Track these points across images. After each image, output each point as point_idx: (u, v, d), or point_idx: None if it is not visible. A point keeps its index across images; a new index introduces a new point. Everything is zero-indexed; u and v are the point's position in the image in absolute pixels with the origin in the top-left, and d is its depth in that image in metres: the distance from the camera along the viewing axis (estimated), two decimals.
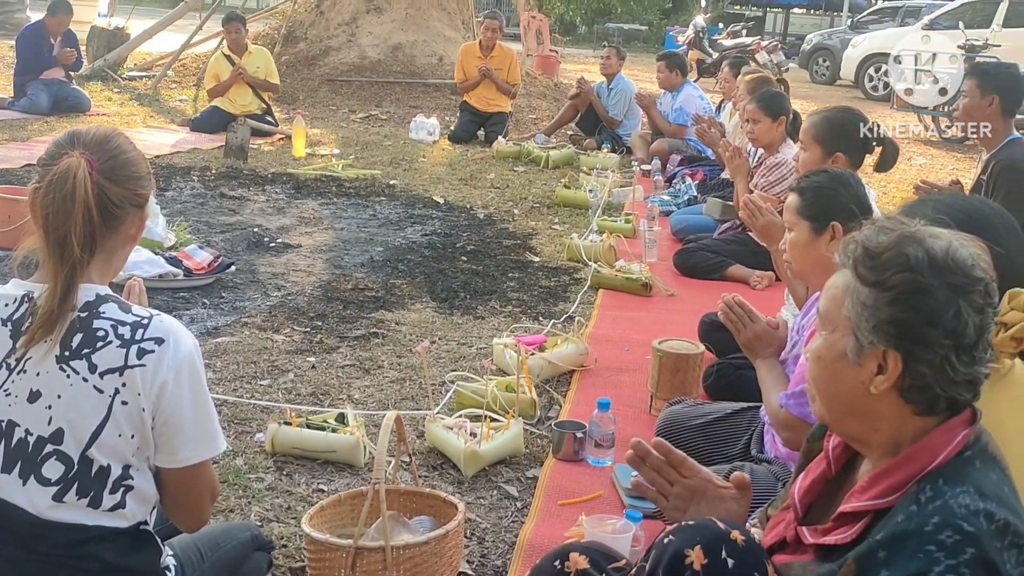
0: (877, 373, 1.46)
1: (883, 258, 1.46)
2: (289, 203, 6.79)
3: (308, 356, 4.00)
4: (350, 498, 2.46)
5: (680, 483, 1.73)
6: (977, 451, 1.44)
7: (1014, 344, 1.80)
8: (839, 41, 22.16)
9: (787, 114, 5.38)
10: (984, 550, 1.32)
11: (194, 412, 1.87)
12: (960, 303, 1.41)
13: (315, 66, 12.39)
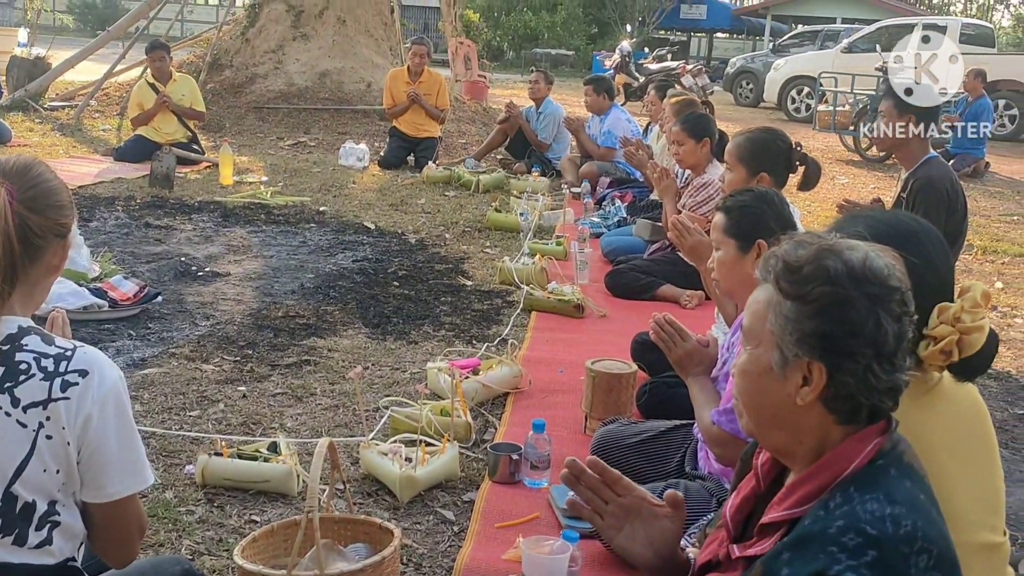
0: (802, 385, 1.48)
1: (803, 272, 1.47)
2: (217, 231, 6.71)
3: (239, 385, 3.94)
4: (283, 528, 2.42)
5: (615, 502, 1.73)
6: (891, 459, 1.46)
7: (943, 357, 1.83)
8: (762, 64, 22.65)
9: (710, 136, 5.47)
10: (887, 554, 1.33)
11: (120, 445, 1.83)
12: (879, 313, 1.44)
13: (241, 94, 12.27)
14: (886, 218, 2.01)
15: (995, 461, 1.99)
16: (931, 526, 1.39)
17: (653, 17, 36.44)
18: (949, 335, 1.82)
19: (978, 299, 1.84)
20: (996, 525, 1.94)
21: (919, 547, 1.35)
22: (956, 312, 1.83)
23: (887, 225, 1.94)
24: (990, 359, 1.89)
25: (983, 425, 1.99)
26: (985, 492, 1.93)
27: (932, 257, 1.91)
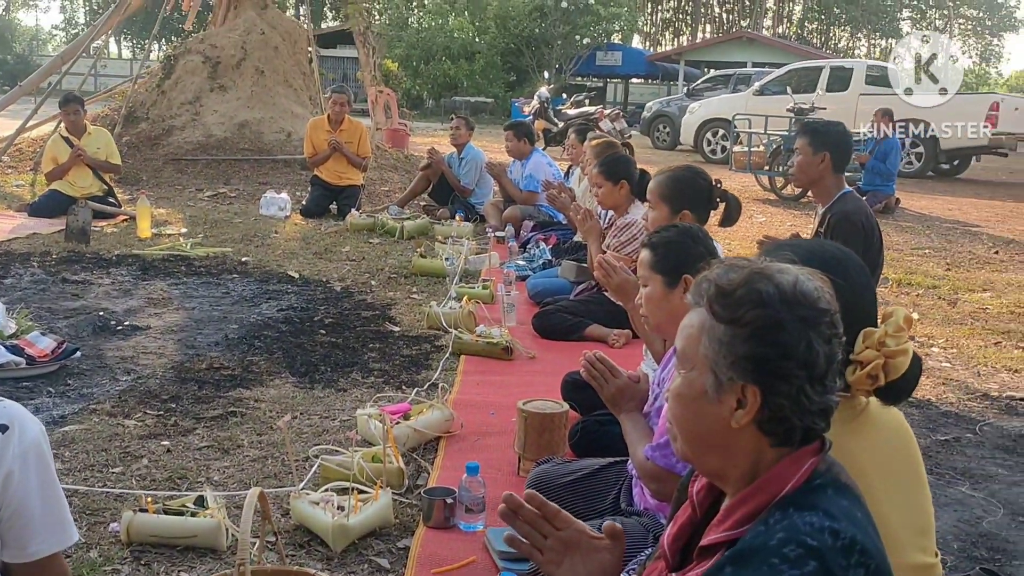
0: (736, 408, 1.49)
1: (736, 295, 1.49)
2: (136, 285, 6.57)
3: (162, 440, 3.84)
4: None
5: (554, 536, 1.71)
6: (828, 480, 1.48)
7: (870, 382, 1.86)
8: (677, 108, 23.10)
9: (628, 177, 5.53)
10: (827, 565, 1.34)
11: (43, 502, 1.76)
12: (811, 335, 1.46)
13: (158, 146, 12.11)
14: (810, 246, 2.05)
15: (923, 484, 2.03)
16: (868, 541, 1.41)
17: (570, 64, 37.04)
18: (875, 359, 1.86)
19: (901, 323, 1.88)
20: (927, 547, 1.97)
21: (856, 560, 1.37)
22: (880, 336, 1.87)
23: (811, 252, 1.97)
24: (915, 382, 1.92)
25: (910, 449, 2.03)
26: (915, 514, 1.96)
27: (856, 283, 1.95)
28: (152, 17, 35.87)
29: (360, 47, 18.63)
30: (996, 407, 4.70)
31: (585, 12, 35.03)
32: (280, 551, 2.45)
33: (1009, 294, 7.37)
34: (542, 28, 35.90)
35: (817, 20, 59.71)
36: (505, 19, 35.94)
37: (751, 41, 36.93)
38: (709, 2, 59.47)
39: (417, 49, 35.51)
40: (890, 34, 58.81)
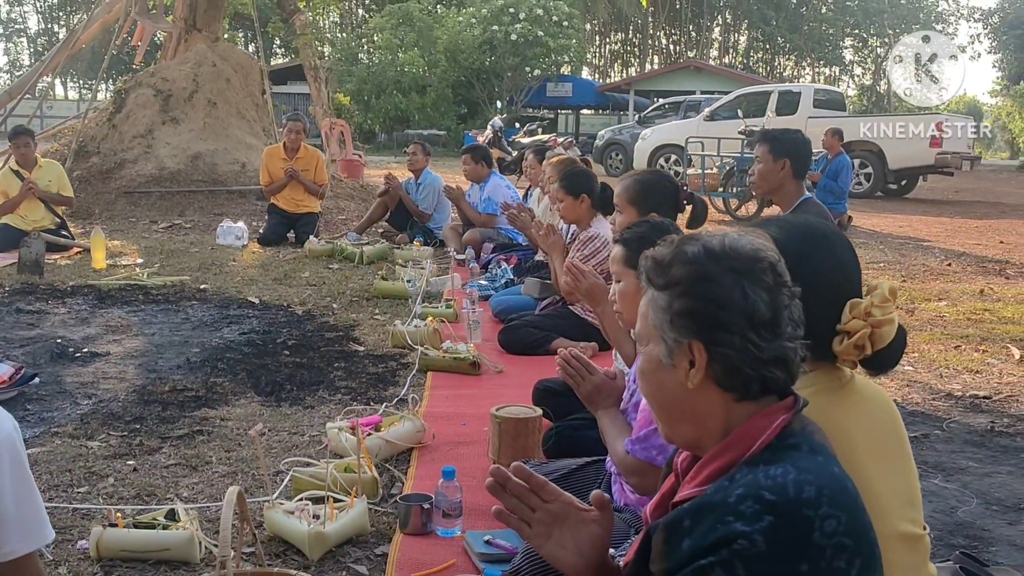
0: (690, 368, 1.49)
1: (666, 261, 1.53)
2: (93, 313, 6.46)
3: (128, 459, 3.76)
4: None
5: (542, 508, 1.68)
6: (802, 438, 1.47)
7: (857, 352, 1.88)
8: (629, 135, 23.32)
9: (588, 191, 5.54)
10: (785, 518, 1.33)
11: (17, 499, 1.70)
12: (744, 284, 1.47)
13: (110, 179, 11.96)
14: (796, 220, 2.06)
15: (909, 458, 2.03)
16: (842, 494, 1.39)
17: (521, 96, 37.24)
18: (862, 328, 1.87)
19: (886, 294, 1.90)
20: (915, 518, 1.97)
21: (825, 512, 1.34)
22: (867, 307, 1.88)
23: (796, 227, 1.99)
24: (900, 352, 1.94)
25: (896, 423, 2.03)
26: (902, 486, 1.96)
27: (842, 258, 1.96)
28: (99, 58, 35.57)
29: (311, 81, 18.59)
30: (961, 405, 4.75)
31: (534, 44, 35.26)
32: (259, 552, 2.40)
33: (964, 302, 7.48)
34: (492, 61, 36.08)
35: (762, 50, 60.69)
36: (455, 52, 36.06)
37: (699, 70, 37.42)
38: (656, 34, 60.23)
39: (368, 83, 35.50)
40: (833, 62, 59.97)
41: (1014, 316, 6.93)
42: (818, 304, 1.90)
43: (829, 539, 1.33)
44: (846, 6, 57.37)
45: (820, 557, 1.32)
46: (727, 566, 1.32)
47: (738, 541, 1.32)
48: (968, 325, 6.62)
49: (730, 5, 58.21)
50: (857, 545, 1.36)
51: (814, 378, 1.91)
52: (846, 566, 1.34)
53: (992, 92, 42.70)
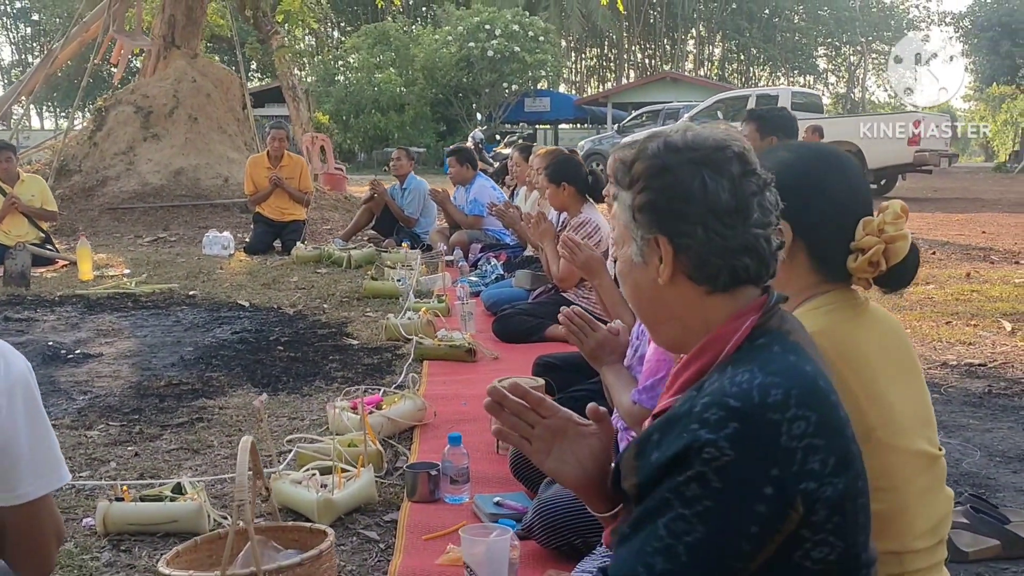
0: (659, 264, 1.48)
1: (630, 160, 1.51)
2: (83, 319, 6.42)
3: (128, 446, 3.74)
4: (207, 542, 2.29)
5: (541, 424, 1.66)
6: (774, 338, 1.43)
7: (871, 269, 1.88)
8: (609, 145, 23.36)
9: (569, 179, 5.55)
10: (751, 424, 1.30)
11: (32, 439, 1.68)
12: (704, 172, 1.44)
13: (93, 196, 11.92)
14: (808, 144, 2.09)
15: (923, 381, 2.04)
16: (811, 395, 1.35)
17: (499, 111, 37.35)
18: (875, 245, 1.88)
19: (898, 211, 1.91)
20: (932, 438, 1.97)
21: (793, 415, 1.31)
22: (880, 223, 1.89)
23: (809, 150, 2.02)
24: (914, 269, 1.95)
25: (909, 347, 2.04)
26: (918, 406, 1.97)
27: (852, 178, 1.97)
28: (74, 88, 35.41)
29: (289, 101, 18.64)
30: (957, 373, 4.78)
31: (511, 60, 35.41)
32: (274, 508, 2.39)
33: (951, 285, 7.53)
34: (469, 77, 36.20)
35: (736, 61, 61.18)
36: (432, 70, 36.18)
37: (675, 81, 37.69)
38: (631, 48, 60.59)
39: (346, 103, 35.53)
40: (808, 71, 60.53)
41: (1002, 295, 6.98)
42: (831, 224, 1.92)
43: (799, 441, 1.30)
44: (818, 15, 57.97)
45: (791, 460, 1.29)
46: (701, 479, 1.29)
47: (705, 450, 1.29)
48: (957, 304, 6.66)
49: (704, 17, 58.68)
50: (829, 444, 1.33)
51: (830, 298, 1.92)
52: (820, 467, 1.31)
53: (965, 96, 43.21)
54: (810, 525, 1.32)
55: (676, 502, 1.31)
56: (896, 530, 1.83)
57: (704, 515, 1.29)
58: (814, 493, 1.31)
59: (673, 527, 1.31)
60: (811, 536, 1.33)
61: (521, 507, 2.91)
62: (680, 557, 1.30)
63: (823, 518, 1.33)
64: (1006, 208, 16.19)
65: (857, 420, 1.78)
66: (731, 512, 1.29)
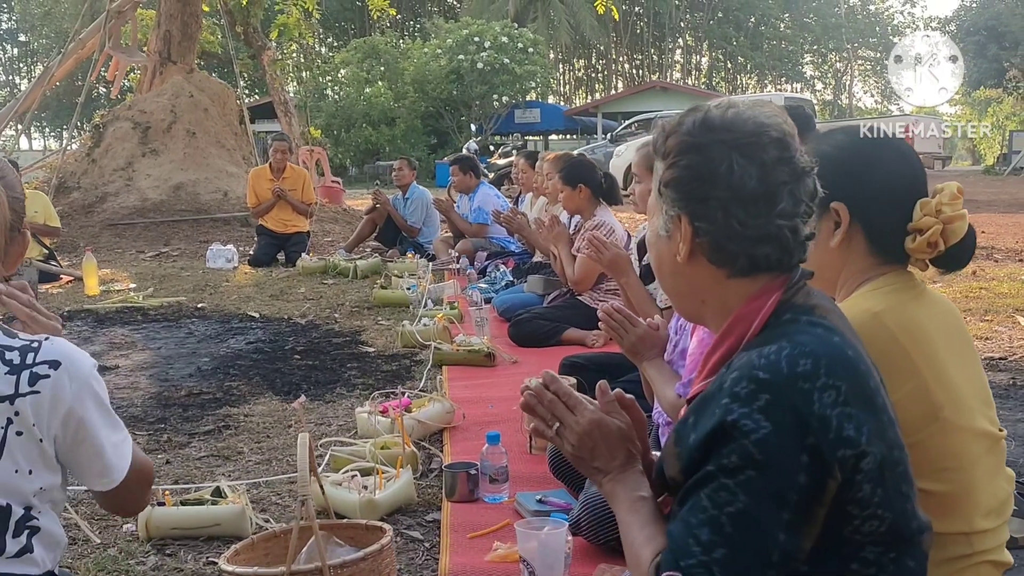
0: (679, 240, 1.48)
1: (668, 130, 1.50)
2: (95, 333, 6.41)
3: (158, 454, 3.73)
4: (263, 541, 2.28)
5: (573, 421, 1.62)
6: (800, 312, 1.43)
7: (930, 249, 1.88)
8: (603, 154, 23.44)
9: (585, 181, 5.57)
10: (783, 394, 1.30)
11: (108, 431, 1.71)
12: (733, 156, 1.41)
13: (93, 213, 11.92)
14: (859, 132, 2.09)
15: (979, 362, 2.05)
16: (841, 364, 1.35)
17: (490, 123, 37.41)
18: (934, 225, 1.89)
19: (955, 192, 1.92)
20: (993, 418, 1.98)
21: (823, 383, 1.31)
22: (937, 204, 1.90)
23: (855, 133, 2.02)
24: (972, 249, 1.96)
25: (965, 328, 2.05)
26: (978, 384, 1.97)
27: (909, 159, 1.98)
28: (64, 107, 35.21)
29: (281, 116, 18.62)
30: None
31: (501, 71, 35.49)
32: (327, 504, 2.38)
33: (959, 283, 7.56)
34: (460, 90, 36.25)
35: (724, 69, 61.45)
36: (423, 83, 36.22)
37: (665, 90, 37.82)
38: (619, 59, 60.81)
39: (337, 118, 35.56)
40: (795, 78, 60.80)
41: (1010, 291, 7.02)
42: (889, 205, 1.92)
43: (831, 409, 1.30)
44: (804, 23, 58.29)
45: (826, 428, 1.29)
46: (742, 451, 1.29)
47: (742, 422, 1.29)
48: (968, 302, 6.69)
49: (691, 27, 58.94)
50: (862, 413, 1.33)
51: (890, 279, 1.92)
52: (855, 434, 1.31)
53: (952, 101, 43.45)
54: (856, 502, 1.33)
55: (719, 473, 1.32)
56: (964, 511, 1.83)
57: (745, 484, 1.30)
58: (852, 461, 1.31)
59: (716, 497, 1.31)
60: (859, 512, 1.34)
61: (564, 504, 2.91)
62: (724, 527, 1.30)
63: (868, 493, 1.33)
64: (1001, 209, 16.28)
65: (924, 398, 1.80)
66: (771, 481, 1.29)
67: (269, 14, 20.34)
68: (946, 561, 1.80)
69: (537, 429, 1.67)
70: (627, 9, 52.30)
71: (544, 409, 1.61)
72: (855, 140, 1.97)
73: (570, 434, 1.58)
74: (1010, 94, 34.56)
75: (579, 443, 1.57)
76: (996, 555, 1.89)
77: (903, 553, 1.40)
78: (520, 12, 42.99)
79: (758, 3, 55.24)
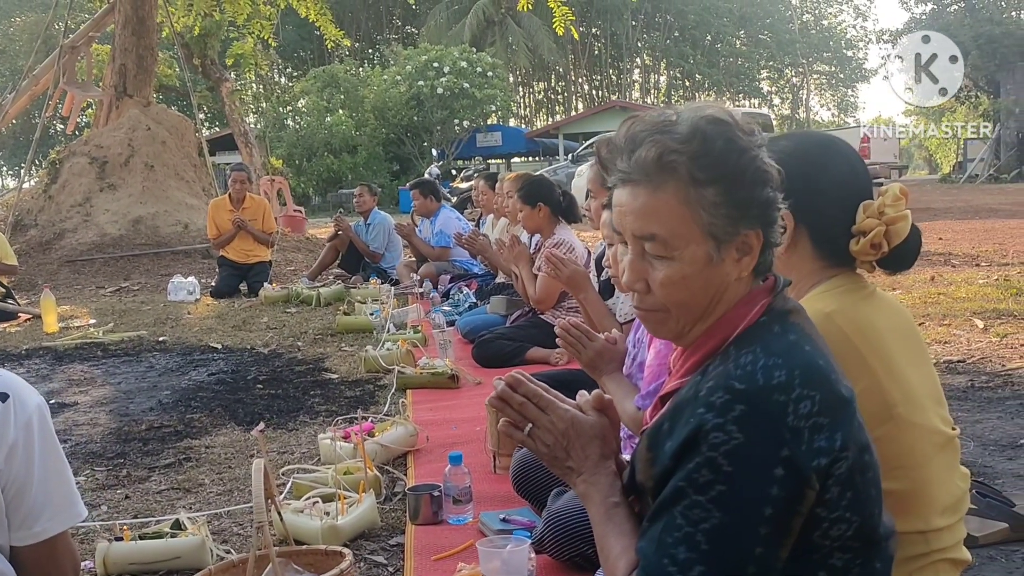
0: (739, 259, 1.45)
1: (715, 151, 1.40)
2: (53, 370, 6.32)
3: (118, 489, 3.67)
4: (221, 572, 2.24)
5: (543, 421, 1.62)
6: (775, 317, 1.43)
7: (874, 251, 1.90)
8: (564, 175, 23.57)
9: (544, 200, 5.59)
10: (757, 406, 1.30)
11: (48, 475, 1.66)
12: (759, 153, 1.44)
13: (51, 250, 11.78)
14: (807, 132, 2.12)
15: (931, 361, 2.07)
16: (814, 373, 1.35)
17: (451, 148, 37.46)
18: (876, 227, 1.91)
19: (897, 193, 1.94)
20: (945, 417, 1.99)
21: (798, 395, 1.31)
22: (879, 206, 1.92)
23: (809, 136, 2.06)
24: (916, 250, 1.97)
25: (916, 329, 2.07)
26: (930, 384, 1.99)
27: (853, 162, 2.00)
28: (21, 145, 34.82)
29: (242, 147, 18.56)
30: (938, 370, 4.75)
31: (461, 96, 35.59)
32: (287, 531, 2.35)
33: (918, 289, 7.64)
34: (420, 116, 36.29)
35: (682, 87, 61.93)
36: (383, 110, 36.22)
37: (624, 109, 38.00)
38: (578, 80, 61.17)
39: (297, 147, 35.46)
40: (752, 94, 61.39)
41: (968, 295, 7.10)
42: (834, 208, 1.94)
43: (805, 421, 1.30)
44: (760, 39, 58.95)
45: (799, 440, 1.30)
46: (711, 464, 1.29)
47: (713, 434, 1.29)
48: (927, 307, 6.76)
49: (648, 46, 59.41)
50: (834, 421, 1.33)
51: (838, 281, 1.93)
52: (827, 443, 1.31)
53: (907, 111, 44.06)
54: (825, 503, 1.33)
55: (689, 489, 1.31)
56: (919, 509, 1.84)
57: (718, 500, 1.30)
58: (827, 469, 1.31)
59: (689, 515, 1.31)
60: (827, 515, 1.34)
61: (528, 522, 2.89)
62: (700, 545, 1.30)
63: (836, 495, 1.33)
64: (957, 216, 16.49)
65: (878, 397, 1.81)
66: (744, 495, 1.29)
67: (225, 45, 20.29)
68: (904, 560, 1.80)
69: (507, 432, 1.65)
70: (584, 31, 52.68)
71: (514, 412, 1.60)
72: (799, 146, 1.98)
73: (545, 434, 1.57)
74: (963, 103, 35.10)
75: (554, 443, 1.56)
76: (954, 553, 1.90)
77: (871, 557, 1.41)
78: (478, 37, 43.15)
79: (713, 21, 55.82)
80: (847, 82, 65.03)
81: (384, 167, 36.56)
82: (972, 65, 30.02)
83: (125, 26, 13.19)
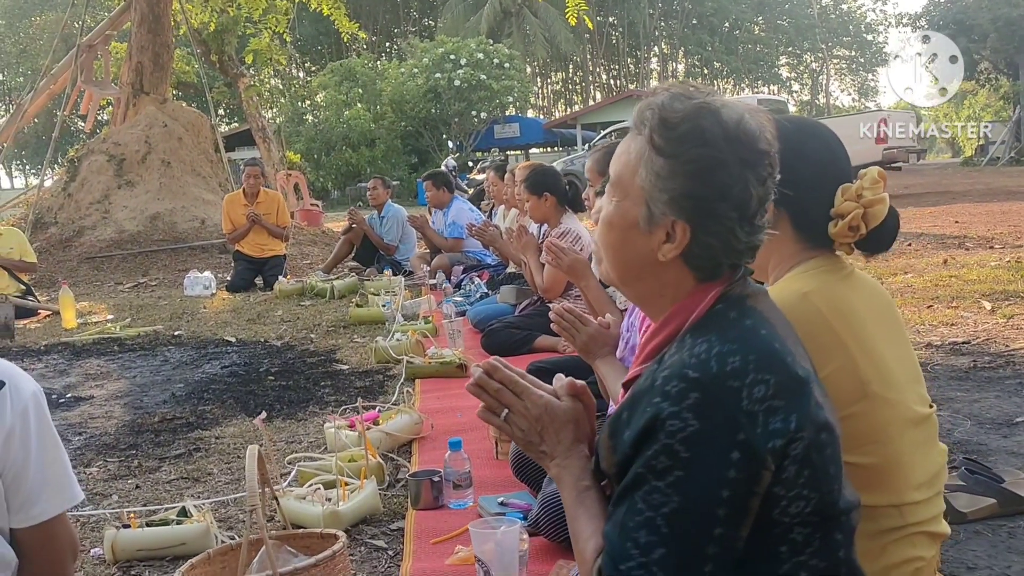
0: (665, 241, 1.47)
1: (680, 130, 1.44)
2: (71, 365, 6.41)
3: (128, 479, 3.75)
4: (219, 555, 2.30)
5: (520, 407, 1.62)
6: (731, 303, 1.46)
7: (851, 233, 1.93)
8: (582, 165, 23.48)
9: (550, 189, 5.62)
10: (711, 393, 1.33)
11: (45, 459, 1.71)
12: (748, 176, 1.43)
13: (70, 247, 11.92)
14: (790, 116, 2.14)
15: (908, 341, 2.09)
16: (769, 357, 1.38)
17: (469, 140, 37.51)
18: (854, 210, 1.94)
19: (876, 176, 1.97)
20: (922, 395, 2.02)
21: (752, 379, 1.34)
22: (857, 189, 1.95)
23: (790, 120, 2.07)
24: (894, 232, 2.00)
25: (895, 309, 2.10)
26: (908, 363, 2.02)
27: (832, 146, 2.03)
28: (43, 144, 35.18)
29: (260, 143, 18.65)
30: (942, 352, 4.86)
31: (478, 88, 35.63)
32: (283, 515, 2.41)
33: (929, 272, 7.63)
34: (438, 108, 36.37)
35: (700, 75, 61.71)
36: (401, 103, 36.33)
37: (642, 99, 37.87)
38: (596, 70, 61.07)
39: (316, 142, 35.63)
40: (771, 80, 61.12)
41: (979, 277, 7.09)
42: (813, 191, 1.97)
43: (759, 404, 1.33)
44: (778, 25, 58.64)
45: (754, 423, 1.33)
46: (669, 450, 1.33)
47: (669, 422, 1.32)
48: (936, 290, 6.76)
49: (666, 35, 59.25)
50: (789, 403, 1.36)
51: (817, 262, 1.97)
52: (782, 425, 1.34)
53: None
54: (783, 482, 1.36)
55: (649, 475, 1.35)
56: (893, 483, 1.86)
57: (676, 485, 1.33)
58: (782, 450, 1.34)
59: (650, 499, 1.35)
60: (786, 493, 1.37)
61: (526, 505, 2.94)
62: (661, 528, 1.34)
63: (794, 474, 1.36)
64: (975, 198, 16.40)
65: (852, 374, 1.84)
66: (701, 479, 1.33)
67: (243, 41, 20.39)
68: (879, 533, 1.84)
69: (484, 418, 1.70)
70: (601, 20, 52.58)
71: (491, 398, 1.65)
72: (780, 127, 2.00)
73: (520, 419, 1.62)
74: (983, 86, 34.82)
75: (529, 428, 1.61)
76: (931, 526, 1.93)
77: (831, 530, 1.43)
78: (495, 28, 43.19)
79: (731, 7, 55.59)
80: (867, 66, 64.61)
81: (403, 160, 36.68)
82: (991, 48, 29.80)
83: (141, 24, 13.31)
